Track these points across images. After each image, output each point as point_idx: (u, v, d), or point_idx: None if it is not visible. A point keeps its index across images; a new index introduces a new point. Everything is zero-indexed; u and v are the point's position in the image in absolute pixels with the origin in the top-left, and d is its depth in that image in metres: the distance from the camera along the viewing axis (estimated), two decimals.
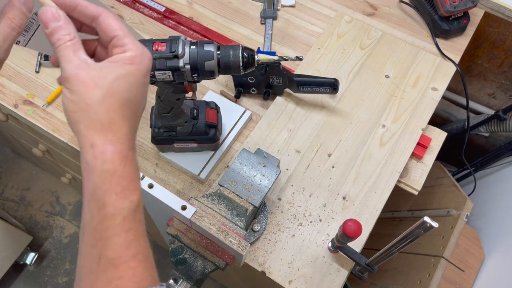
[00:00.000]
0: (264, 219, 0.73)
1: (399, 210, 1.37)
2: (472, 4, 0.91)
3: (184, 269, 0.64)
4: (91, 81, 0.40)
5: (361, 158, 0.80)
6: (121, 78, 0.41)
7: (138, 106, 0.43)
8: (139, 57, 0.42)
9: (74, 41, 0.42)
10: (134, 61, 0.42)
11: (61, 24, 0.42)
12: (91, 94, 0.40)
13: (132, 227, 0.41)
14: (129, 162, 0.41)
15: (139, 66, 0.42)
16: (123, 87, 0.41)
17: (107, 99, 0.40)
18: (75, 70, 0.40)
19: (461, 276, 0.99)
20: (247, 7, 1.00)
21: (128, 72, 0.41)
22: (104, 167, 0.40)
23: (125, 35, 0.43)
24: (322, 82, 0.79)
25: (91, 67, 0.41)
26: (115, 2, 0.98)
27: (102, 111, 0.40)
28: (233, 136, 0.81)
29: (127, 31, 0.44)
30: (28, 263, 1.62)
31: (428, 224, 0.48)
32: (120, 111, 0.41)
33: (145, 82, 0.43)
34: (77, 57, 0.41)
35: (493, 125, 1.27)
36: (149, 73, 0.44)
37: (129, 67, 0.42)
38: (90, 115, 0.40)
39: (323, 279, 0.70)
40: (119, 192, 0.40)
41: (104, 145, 0.40)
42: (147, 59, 0.43)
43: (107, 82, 0.40)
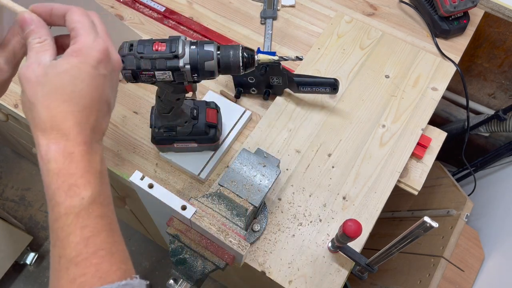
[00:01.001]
0: (264, 219, 0.73)
1: (399, 210, 1.37)
2: (472, 4, 0.91)
3: (184, 269, 0.64)
4: (34, 79, 0.40)
5: (361, 158, 0.80)
6: (64, 73, 0.40)
7: (91, 99, 0.42)
8: (85, 48, 0.42)
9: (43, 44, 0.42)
10: (80, 53, 0.41)
11: (33, 28, 0.43)
12: (33, 92, 0.40)
13: (88, 224, 0.40)
14: (76, 158, 0.40)
15: (85, 58, 0.41)
16: (66, 82, 0.40)
17: (48, 96, 0.40)
18: (26, 70, 0.40)
19: (461, 276, 0.99)
20: (247, 7, 1.00)
21: (71, 65, 0.41)
22: (49, 167, 0.39)
23: (82, 27, 0.43)
24: (322, 82, 0.79)
25: (40, 66, 0.40)
26: (115, 2, 0.98)
27: (43, 109, 0.40)
28: (233, 136, 0.81)
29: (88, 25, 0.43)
30: (28, 263, 1.62)
31: (428, 224, 0.48)
32: (64, 107, 0.40)
33: (96, 74, 0.42)
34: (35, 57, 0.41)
35: (493, 125, 1.27)
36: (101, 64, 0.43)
37: (72, 60, 0.41)
38: (34, 115, 0.40)
39: (323, 279, 0.70)
40: (67, 190, 0.39)
41: (48, 145, 0.39)
42: (96, 51, 0.42)
43: (48, 78, 0.40)
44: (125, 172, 0.78)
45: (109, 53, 0.44)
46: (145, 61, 0.55)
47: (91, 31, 0.43)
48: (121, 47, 0.56)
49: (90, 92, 0.42)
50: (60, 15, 0.45)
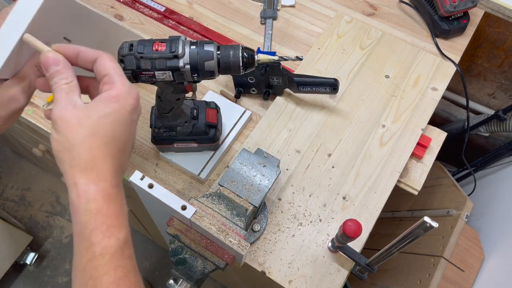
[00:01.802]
0: (264, 219, 0.73)
1: (399, 210, 1.37)
2: (472, 4, 0.91)
3: (184, 269, 0.64)
4: (75, 121, 0.41)
5: (361, 158, 0.80)
6: (105, 117, 0.42)
7: (124, 143, 0.44)
8: (124, 94, 0.43)
9: (71, 84, 0.43)
10: (119, 98, 0.43)
11: (59, 69, 0.44)
12: (74, 134, 0.41)
13: (120, 264, 0.41)
14: (113, 200, 0.42)
15: (124, 103, 0.43)
16: (107, 126, 0.42)
17: (90, 138, 0.41)
18: (61, 111, 0.41)
19: (461, 276, 0.99)
20: (247, 7, 1.00)
21: (112, 110, 0.42)
22: (87, 207, 0.40)
23: (116, 74, 0.45)
24: (322, 82, 0.79)
25: (77, 107, 0.42)
26: (115, 2, 0.98)
27: (85, 150, 0.41)
28: (233, 136, 0.81)
29: (121, 72, 0.45)
30: (28, 263, 1.62)
31: (428, 224, 0.48)
32: (104, 149, 0.42)
33: (131, 120, 0.44)
34: (67, 99, 0.42)
35: (493, 125, 1.27)
36: (135, 111, 0.45)
37: (113, 105, 0.43)
38: (74, 155, 0.41)
39: (323, 279, 0.70)
40: (105, 230, 0.40)
41: (87, 185, 0.40)
42: (133, 98, 0.44)
43: (90, 121, 0.41)
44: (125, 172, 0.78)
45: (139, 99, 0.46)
46: (145, 61, 0.55)
47: (125, 79, 0.45)
48: (121, 47, 0.56)
49: (125, 136, 0.44)
50: (88, 60, 0.46)
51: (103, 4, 0.98)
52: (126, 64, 0.55)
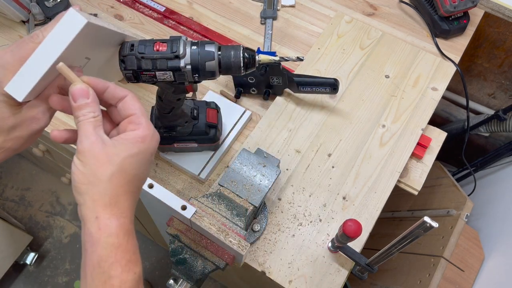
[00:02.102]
0: (264, 219, 0.73)
1: (399, 210, 1.37)
2: (472, 4, 0.91)
3: (184, 269, 0.64)
4: (104, 157, 0.42)
5: (361, 158, 0.80)
6: (133, 156, 0.44)
7: (142, 181, 0.47)
8: (149, 136, 0.46)
9: (97, 119, 0.45)
10: (145, 140, 0.45)
11: (89, 102, 0.45)
12: (103, 170, 0.42)
13: None
14: (132, 235, 0.43)
15: (149, 145, 0.45)
16: (133, 165, 0.44)
17: (117, 175, 0.43)
18: (91, 146, 0.43)
19: (461, 276, 0.99)
20: (247, 7, 1.00)
21: (139, 150, 0.44)
22: (109, 240, 0.41)
23: (142, 115, 0.47)
24: (322, 82, 0.79)
25: (107, 144, 0.43)
26: (115, 2, 0.98)
27: (111, 187, 0.42)
28: (233, 136, 0.81)
29: (145, 113, 0.47)
30: (28, 263, 1.62)
31: (428, 224, 0.48)
32: (127, 186, 0.43)
33: (151, 161, 0.47)
34: (95, 133, 0.44)
35: (493, 125, 1.27)
36: (154, 153, 0.47)
37: (140, 146, 0.44)
38: (99, 190, 0.42)
39: (323, 279, 0.70)
40: (124, 265, 0.42)
41: (110, 219, 0.42)
42: (155, 141, 0.47)
43: (119, 159, 0.43)
44: None
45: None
46: (146, 61, 0.55)
47: (149, 121, 0.47)
48: (122, 47, 0.56)
49: (144, 175, 0.47)
50: (115, 97, 0.47)
51: (103, 4, 0.98)
52: (127, 64, 0.55)
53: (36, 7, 0.91)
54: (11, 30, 0.93)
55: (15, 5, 0.89)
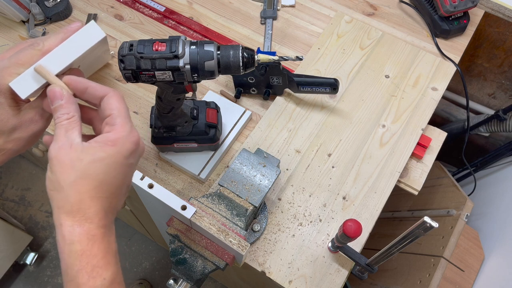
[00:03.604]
0: (264, 219, 0.73)
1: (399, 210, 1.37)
2: (472, 4, 0.91)
3: (184, 269, 0.64)
4: (68, 163, 0.41)
5: (361, 158, 0.80)
6: (98, 161, 0.42)
7: (117, 186, 0.44)
8: (122, 139, 0.43)
9: (71, 120, 0.44)
10: (116, 143, 0.43)
11: (62, 103, 0.44)
12: (65, 176, 0.41)
13: None
14: (99, 240, 0.42)
15: (120, 148, 0.43)
16: (99, 170, 0.42)
17: (80, 181, 0.41)
18: (58, 151, 0.42)
19: (461, 276, 0.99)
20: (247, 7, 1.00)
21: (107, 154, 0.42)
22: (72, 248, 0.41)
23: (119, 115, 0.44)
24: (322, 82, 0.79)
25: (73, 148, 0.42)
26: (115, 2, 0.98)
27: (73, 193, 0.41)
28: (233, 136, 0.81)
29: (124, 113, 0.45)
30: (28, 263, 1.62)
31: (428, 224, 0.48)
32: (93, 192, 0.42)
33: (126, 164, 0.44)
34: (66, 137, 0.42)
35: (493, 125, 1.27)
36: (133, 155, 0.45)
37: (109, 149, 0.42)
38: (62, 196, 0.41)
39: (323, 279, 0.70)
40: (90, 271, 0.41)
41: (72, 226, 0.41)
42: (131, 142, 0.44)
43: (82, 164, 0.41)
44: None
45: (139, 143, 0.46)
46: (145, 61, 0.55)
47: (127, 120, 0.45)
48: (121, 47, 0.56)
49: (118, 180, 0.44)
50: (95, 96, 0.46)
51: (103, 4, 0.98)
52: (126, 64, 0.55)
53: (36, 7, 0.91)
54: (11, 30, 0.93)
55: (15, 5, 0.89)
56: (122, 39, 0.93)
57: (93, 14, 0.95)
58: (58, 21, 0.94)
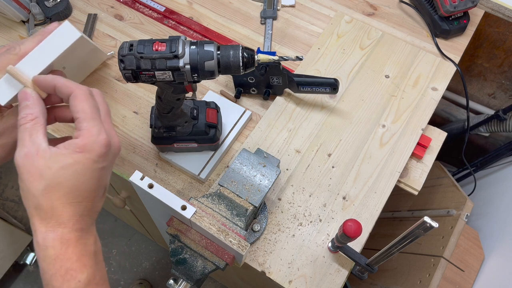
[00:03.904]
0: (264, 219, 0.73)
1: (399, 210, 1.37)
2: (472, 4, 0.91)
3: (184, 269, 0.64)
4: (36, 172, 0.41)
5: (361, 158, 0.80)
6: (67, 168, 0.41)
7: (90, 191, 0.43)
8: (90, 144, 0.42)
9: (35, 122, 0.43)
10: (84, 148, 0.42)
11: (28, 104, 0.43)
12: (35, 185, 0.41)
13: None
14: (73, 244, 0.42)
15: (89, 154, 0.42)
16: (68, 177, 0.41)
17: (50, 189, 0.41)
18: (24, 159, 0.41)
19: (461, 276, 0.99)
20: (247, 7, 1.00)
21: (75, 161, 0.42)
22: (46, 253, 0.41)
23: (85, 118, 0.43)
24: (322, 82, 0.79)
25: (39, 155, 0.41)
26: (115, 2, 0.98)
27: (44, 201, 0.41)
28: (233, 136, 0.81)
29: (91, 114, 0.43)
30: (28, 263, 1.62)
31: (428, 224, 0.48)
32: (65, 199, 0.42)
33: (97, 168, 0.43)
34: (31, 141, 0.42)
35: (493, 125, 1.27)
36: (104, 158, 0.44)
37: (77, 156, 0.42)
38: (34, 204, 0.41)
39: (323, 279, 0.70)
40: (64, 274, 0.41)
41: (46, 232, 0.41)
42: (99, 146, 0.43)
43: (51, 173, 0.41)
44: (125, 172, 0.78)
45: (111, 144, 0.45)
46: (145, 61, 0.55)
47: (94, 123, 0.43)
48: (121, 47, 0.56)
49: (89, 184, 0.43)
50: (64, 94, 0.45)
51: (103, 4, 0.98)
52: (126, 64, 0.55)
53: (36, 7, 0.91)
54: (11, 30, 0.93)
55: (15, 5, 0.89)
56: (122, 39, 0.93)
57: (93, 14, 0.95)
58: (58, 21, 0.94)
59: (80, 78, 0.86)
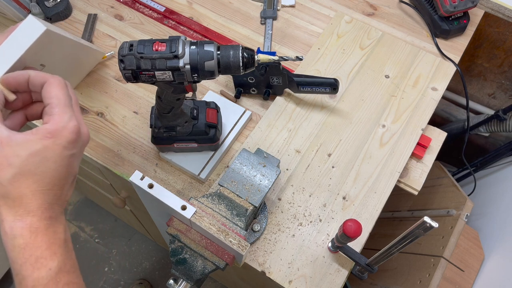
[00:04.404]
0: (264, 219, 0.73)
1: (399, 210, 1.37)
2: (472, 4, 0.91)
3: (184, 269, 0.64)
4: (4, 160, 0.40)
5: (361, 158, 0.80)
6: (36, 155, 0.41)
7: (59, 178, 0.43)
8: (59, 130, 0.42)
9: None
10: (53, 134, 0.42)
11: None
12: (3, 173, 0.40)
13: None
14: (42, 232, 0.41)
15: (58, 139, 0.42)
16: (38, 164, 0.41)
17: (19, 177, 0.40)
18: None
19: (461, 276, 0.99)
20: (247, 7, 1.00)
21: (43, 147, 0.41)
22: (15, 242, 0.40)
23: (58, 104, 0.43)
24: (322, 82, 0.79)
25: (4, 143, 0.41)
26: (115, 2, 0.98)
27: (13, 189, 0.40)
28: (233, 136, 0.81)
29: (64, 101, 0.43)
30: None
31: (428, 224, 0.48)
32: (34, 187, 0.41)
33: (67, 155, 0.43)
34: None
35: (493, 125, 1.27)
36: (73, 145, 0.43)
37: (45, 142, 0.41)
38: (1, 193, 0.41)
39: (323, 279, 0.70)
40: (34, 262, 0.40)
41: (14, 221, 0.40)
42: (69, 132, 0.42)
43: (19, 160, 0.40)
44: (125, 172, 0.78)
45: (80, 131, 0.44)
46: (145, 61, 0.55)
47: (66, 109, 0.43)
48: (121, 47, 0.56)
49: (59, 171, 0.43)
50: (37, 84, 0.44)
51: (103, 4, 0.98)
52: (126, 64, 0.55)
53: (36, 7, 0.91)
54: None
55: (15, 5, 0.89)
56: (122, 39, 0.93)
57: (93, 14, 0.95)
58: (58, 21, 0.94)
59: (77, 78, 0.86)
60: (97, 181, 1.11)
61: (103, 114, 0.84)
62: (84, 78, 0.88)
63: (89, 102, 0.85)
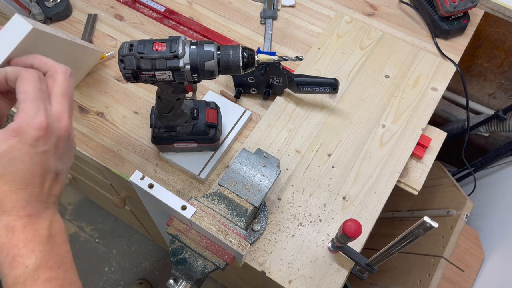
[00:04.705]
0: (264, 219, 0.73)
1: (399, 210, 1.37)
2: (472, 4, 0.91)
3: (184, 269, 0.64)
4: None
5: (361, 158, 0.80)
6: (3, 156, 0.40)
7: (33, 176, 0.42)
8: (23, 128, 0.41)
9: None
10: (18, 132, 0.41)
11: None
12: None
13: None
14: (19, 231, 0.41)
15: (23, 138, 0.41)
16: (5, 165, 0.40)
17: None
18: None
19: (461, 276, 0.99)
20: (247, 7, 1.00)
21: (9, 147, 0.40)
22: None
23: (25, 99, 0.42)
24: (322, 82, 0.79)
25: None
26: (115, 2, 0.98)
27: None
28: (233, 136, 0.81)
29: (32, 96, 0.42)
30: None
31: (428, 224, 0.48)
32: (6, 187, 0.40)
33: (36, 153, 0.42)
34: None
35: (493, 125, 1.27)
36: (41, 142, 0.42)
37: (10, 142, 0.40)
38: None
39: (323, 279, 0.70)
40: (11, 261, 0.40)
41: None
42: (33, 129, 0.41)
43: None
44: (125, 172, 0.78)
45: (50, 127, 0.42)
46: (145, 61, 0.55)
47: (33, 105, 0.42)
48: (121, 47, 0.56)
49: (31, 170, 0.42)
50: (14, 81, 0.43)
51: (103, 4, 0.98)
52: (126, 64, 0.55)
53: (36, 7, 0.91)
54: None
55: (15, 5, 0.89)
56: (122, 39, 0.93)
57: (93, 14, 0.95)
58: (58, 21, 0.94)
59: (76, 78, 0.86)
60: (97, 181, 1.11)
61: (103, 114, 0.84)
62: (84, 78, 0.88)
63: (89, 102, 0.85)
